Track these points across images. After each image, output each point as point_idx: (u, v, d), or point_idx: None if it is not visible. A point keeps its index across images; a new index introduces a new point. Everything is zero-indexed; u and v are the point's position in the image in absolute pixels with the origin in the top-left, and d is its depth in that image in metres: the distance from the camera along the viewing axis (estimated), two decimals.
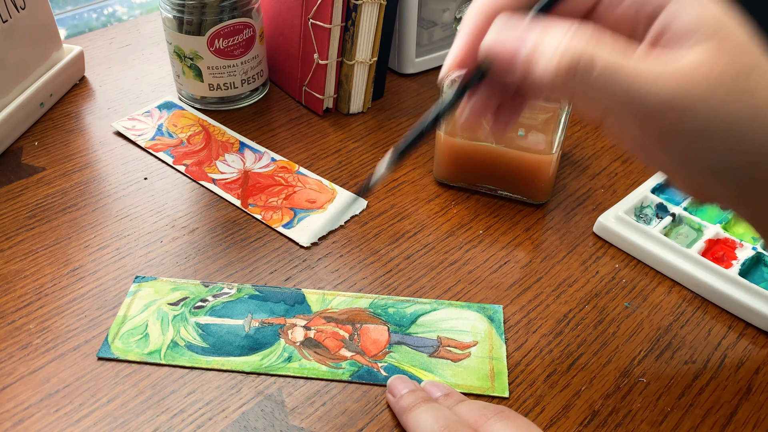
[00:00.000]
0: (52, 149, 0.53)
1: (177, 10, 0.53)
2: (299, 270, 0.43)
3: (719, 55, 0.26)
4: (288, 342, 0.38)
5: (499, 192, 0.49)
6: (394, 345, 0.38)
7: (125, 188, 0.50)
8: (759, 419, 0.35)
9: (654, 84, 0.26)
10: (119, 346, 0.38)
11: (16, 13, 0.53)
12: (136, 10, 0.83)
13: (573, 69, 0.26)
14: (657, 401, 0.36)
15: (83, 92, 0.61)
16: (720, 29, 0.27)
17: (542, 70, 0.26)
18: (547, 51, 0.26)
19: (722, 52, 0.26)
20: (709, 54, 0.26)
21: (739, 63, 0.27)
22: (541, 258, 0.45)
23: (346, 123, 0.58)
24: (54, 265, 0.43)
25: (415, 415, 0.32)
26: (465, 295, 0.42)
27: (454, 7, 0.64)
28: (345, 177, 0.51)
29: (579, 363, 0.38)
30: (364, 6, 0.52)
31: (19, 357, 0.37)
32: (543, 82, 0.26)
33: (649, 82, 0.26)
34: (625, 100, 0.26)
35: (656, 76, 0.26)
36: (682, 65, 0.26)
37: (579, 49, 0.25)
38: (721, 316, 0.41)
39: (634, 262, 0.44)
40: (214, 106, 0.59)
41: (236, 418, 0.34)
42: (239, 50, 0.55)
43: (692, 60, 0.26)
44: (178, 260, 0.44)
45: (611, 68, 0.26)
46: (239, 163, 0.52)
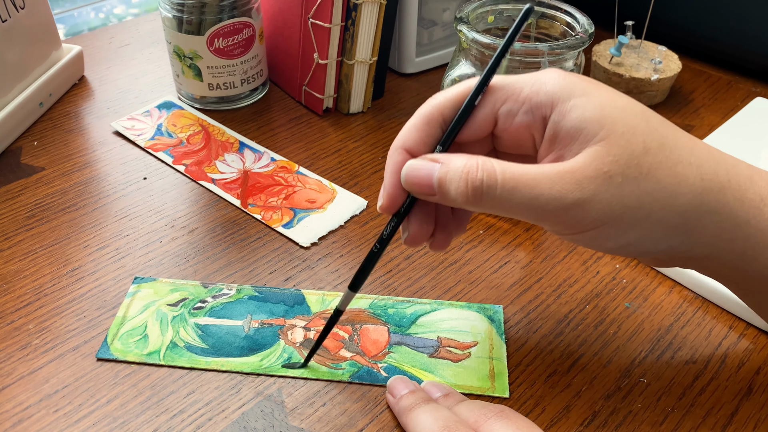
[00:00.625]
0: (52, 149, 0.53)
1: (177, 10, 0.53)
2: (299, 270, 0.43)
3: (607, 149, 0.28)
4: (287, 343, 0.38)
5: None
6: (394, 345, 0.38)
7: (124, 188, 0.50)
8: (760, 419, 0.35)
9: (552, 188, 0.28)
10: (118, 347, 0.38)
11: (15, 12, 0.53)
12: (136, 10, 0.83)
13: (479, 190, 0.29)
14: (658, 401, 0.36)
15: (82, 92, 0.61)
16: (603, 124, 0.28)
17: (454, 193, 0.30)
18: (454, 177, 0.29)
19: (609, 144, 0.28)
20: (597, 149, 0.28)
21: (629, 149, 0.28)
22: (541, 258, 0.45)
23: (346, 123, 0.57)
24: (53, 266, 0.43)
25: (415, 415, 0.32)
26: (465, 296, 0.42)
27: (455, 7, 0.64)
28: (345, 177, 0.51)
29: (579, 363, 0.38)
30: (364, 5, 0.52)
31: (18, 357, 0.37)
32: (458, 202, 0.30)
33: (547, 188, 0.28)
34: (530, 208, 0.29)
35: (552, 180, 0.28)
36: (574, 165, 0.29)
37: (481, 176, 0.29)
38: (722, 316, 0.41)
39: (634, 262, 0.44)
40: (213, 105, 0.58)
41: (236, 419, 0.34)
42: (239, 50, 0.55)
43: (583, 158, 0.29)
44: (177, 260, 0.44)
45: (511, 183, 0.29)
46: (239, 162, 0.52)
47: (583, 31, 0.44)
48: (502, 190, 0.29)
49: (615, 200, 0.28)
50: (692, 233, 0.30)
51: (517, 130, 0.31)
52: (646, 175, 0.29)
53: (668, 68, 0.59)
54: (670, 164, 0.29)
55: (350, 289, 0.35)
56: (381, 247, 0.34)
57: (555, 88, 0.30)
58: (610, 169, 0.28)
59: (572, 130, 0.29)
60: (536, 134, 0.31)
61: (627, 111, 0.29)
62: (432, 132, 0.32)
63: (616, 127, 0.29)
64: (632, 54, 0.61)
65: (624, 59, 0.60)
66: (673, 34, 0.66)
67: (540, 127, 0.31)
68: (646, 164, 0.29)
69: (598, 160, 0.28)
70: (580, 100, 0.29)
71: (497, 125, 0.32)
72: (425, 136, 0.32)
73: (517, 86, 0.31)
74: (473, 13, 0.46)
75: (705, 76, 0.65)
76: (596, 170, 0.28)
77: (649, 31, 0.62)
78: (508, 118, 0.31)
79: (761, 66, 0.63)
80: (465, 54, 0.45)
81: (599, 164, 0.28)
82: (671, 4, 0.65)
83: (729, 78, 0.64)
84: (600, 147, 0.28)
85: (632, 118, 0.29)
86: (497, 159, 0.30)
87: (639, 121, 0.29)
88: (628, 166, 0.28)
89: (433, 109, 0.32)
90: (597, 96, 0.29)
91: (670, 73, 0.59)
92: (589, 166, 0.28)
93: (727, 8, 0.62)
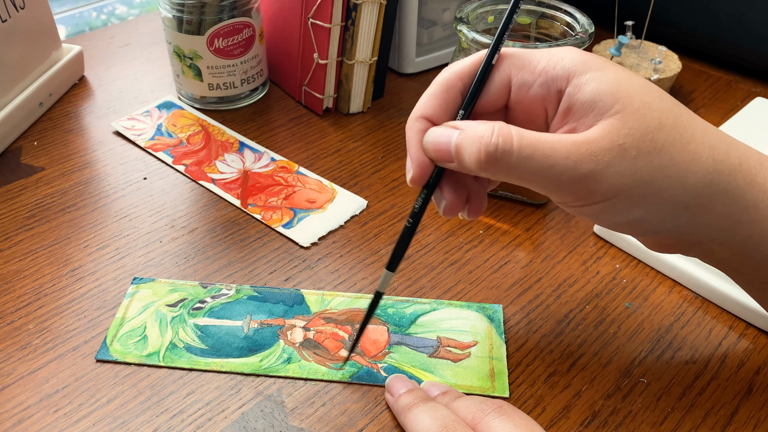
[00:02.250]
0: (52, 149, 0.53)
1: (177, 10, 0.53)
2: (299, 270, 0.43)
3: (622, 122, 0.28)
4: (287, 343, 0.38)
5: (499, 192, 0.49)
6: (394, 345, 0.38)
7: (124, 188, 0.50)
8: (760, 419, 0.35)
9: (567, 158, 0.28)
10: (118, 348, 0.38)
11: (15, 12, 0.53)
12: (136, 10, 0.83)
13: (493, 156, 0.29)
14: (658, 401, 0.36)
15: (82, 92, 0.61)
16: (618, 98, 0.29)
17: (468, 159, 0.30)
18: (470, 143, 0.29)
19: (625, 117, 0.29)
20: (613, 122, 0.29)
21: (643, 124, 0.29)
22: (541, 258, 0.45)
23: (346, 123, 0.57)
24: (53, 266, 0.43)
25: (414, 414, 0.32)
26: (465, 296, 0.42)
27: (455, 7, 0.64)
28: (345, 177, 0.51)
29: (579, 363, 0.38)
30: (364, 5, 0.52)
31: (18, 357, 0.37)
32: (472, 169, 0.30)
33: (563, 157, 0.28)
34: (544, 177, 0.29)
35: (569, 150, 0.28)
36: (590, 136, 0.29)
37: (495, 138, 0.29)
38: (722, 316, 0.41)
39: (634, 262, 0.44)
40: (213, 105, 0.58)
41: (236, 419, 0.34)
42: (239, 50, 0.55)
43: (598, 130, 0.29)
44: (177, 260, 0.43)
45: (527, 150, 0.29)
46: (239, 162, 0.52)
47: (583, 31, 0.44)
48: (518, 156, 0.29)
49: (628, 173, 0.28)
50: (700, 213, 0.30)
51: (531, 103, 0.32)
52: (659, 150, 0.29)
53: (668, 68, 0.59)
54: (683, 142, 0.29)
55: (388, 269, 0.35)
56: (414, 221, 0.34)
57: (572, 62, 0.30)
58: (625, 142, 0.28)
59: (587, 103, 0.29)
60: (549, 107, 0.31)
61: (642, 88, 0.30)
62: (451, 99, 0.32)
63: (632, 102, 0.29)
64: (632, 54, 0.61)
65: (624, 59, 0.60)
66: (673, 34, 0.66)
67: (554, 100, 0.31)
68: (660, 140, 0.29)
69: (614, 132, 0.28)
70: (596, 74, 0.30)
71: (511, 97, 0.32)
72: (444, 104, 0.32)
73: (534, 59, 0.31)
74: (473, 13, 0.46)
75: (705, 76, 0.65)
76: (611, 142, 0.28)
77: (649, 31, 0.62)
78: (523, 89, 0.32)
79: (761, 66, 0.63)
80: (465, 54, 0.45)
81: (614, 137, 0.28)
82: (671, 4, 0.65)
83: (729, 78, 0.64)
84: (615, 120, 0.29)
85: (647, 95, 0.29)
86: None
87: (654, 99, 0.29)
88: (642, 140, 0.28)
89: (452, 75, 0.32)
90: (613, 72, 0.30)
91: (670, 73, 0.59)
92: (604, 138, 0.28)
93: (727, 8, 0.62)
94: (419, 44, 0.63)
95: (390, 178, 0.51)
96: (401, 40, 0.62)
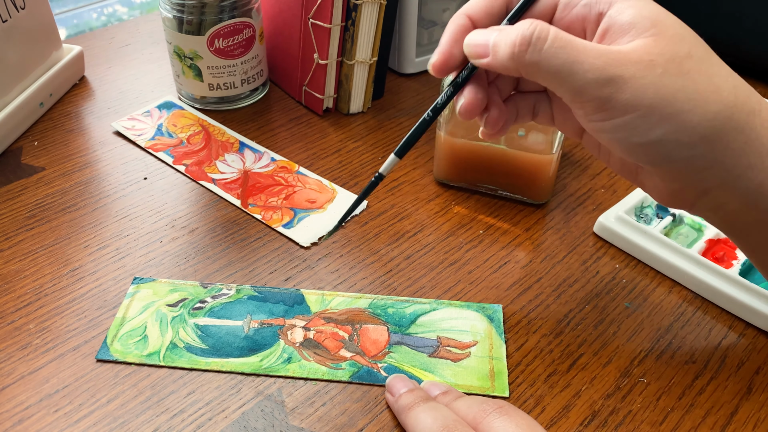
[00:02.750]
0: (52, 149, 0.53)
1: (177, 10, 0.53)
2: (299, 270, 0.43)
3: (655, 42, 0.30)
4: (287, 343, 0.38)
5: (499, 192, 0.49)
6: (394, 345, 0.38)
7: (125, 188, 0.50)
8: (759, 419, 0.35)
9: (597, 58, 0.29)
10: (118, 348, 0.38)
11: (15, 13, 0.53)
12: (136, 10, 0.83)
13: (527, 41, 0.30)
14: (657, 401, 0.36)
15: (83, 92, 0.61)
16: (656, 24, 0.30)
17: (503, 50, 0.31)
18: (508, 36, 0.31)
19: (658, 39, 0.30)
20: (646, 41, 0.30)
21: (674, 49, 0.30)
22: (541, 258, 0.45)
23: (346, 123, 0.58)
24: (54, 265, 0.43)
25: (414, 414, 0.32)
26: (465, 295, 0.42)
27: (455, 7, 0.64)
28: (345, 177, 0.51)
29: (579, 363, 0.38)
30: (364, 6, 0.52)
31: (18, 357, 0.37)
32: (506, 57, 0.31)
33: (592, 57, 0.30)
34: (570, 74, 0.30)
35: (600, 52, 0.30)
36: (622, 47, 0.30)
37: (532, 28, 0.30)
38: (722, 316, 0.41)
39: (634, 262, 0.44)
40: (213, 105, 0.59)
41: (236, 419, 0.34)
42: (239, 50, 0.55)
43: (632, 45, 0.30)
44: (177, 260, 0.44)
45: (560, 42, 0.30)
46: (239, 163, 0.52)
47: None
48: (550, 46, 0.30)
49: (651, 88, 0.29)
50: (716, 147, 0.30)
51: (573, 21, 0.33)
52: (685, 74, 0.30)
53: None
54: (709, 74, 0.30)
55: (396, 155, 0.37)
56: (433, 115, 0.35)
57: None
58: (654, 59, 0.29)
59: (626, 24, 0.31)
60: (589, 28, 0.33)
61: (680, 23, 0.31)
62: (496, 5, 0.34)
63: (668, 30, 0.30)
64: None
65: None
66: None
67: (594, 20, 0.32)
68: (687, 66, 0.30)
69: (646, 48, 0.30)
70: (638, 2, 0.31)
71: (554, 14, 0.33)
72: (489, 8, 0.34)
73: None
74: None
75: None
76: (641, 56, 0.30)
77: None
78: (567, 7, 0.33)
79: (761, 66, 0.63)
80: None
81: (645, 52, 0.30)
82: (671, 4, 0.65)
83: None
84: (650, 39, 0.30)
85: (684, 29, 0.31)
86: None
87: (688, 33, 0.31)
88: (671, 62, 0.30)
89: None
90: (653, 5, 0.31)
91: None
92: (635, 51, 0.30)
93: (727, 8, 0.62)
94: (419, 44, 0.63)
95: (390, 178, 0.51)
96: (401, 40, 0.62)
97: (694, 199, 0.33)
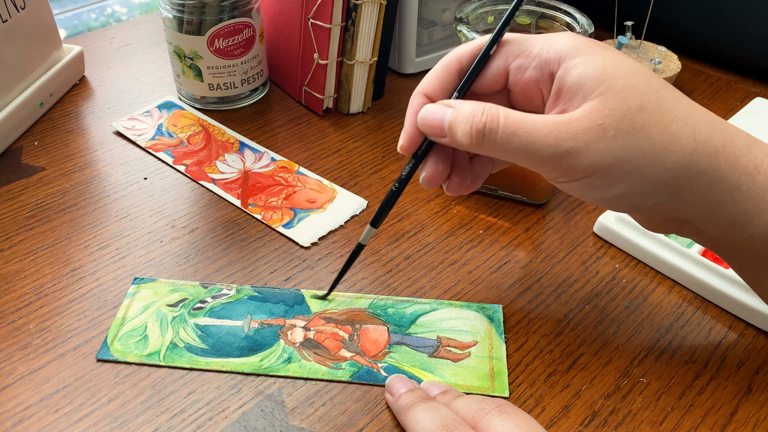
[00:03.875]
0: (52, 149, 0.53)
1: (177, 10, 0.53)
2: (299, 270, 0.43)
3: (604, 102, 0.30)
4: (287, 343, 0.38)
5: (499, 192, 0.49)
6: (394, 345, 0.38)
7: (125, 188, 0.50)
8: (759, 419, 0.35)
9: (548, 135, 0.30)
10: (118, 347, 0.38)
11: (16, 13, 0.53)
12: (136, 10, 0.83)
13: (481, 132, 0.31)
14: (657, 401, 0.36)
15: (83, 92, 0.61)
16: (603, 80, 0.30)
17: (461, 135, 0.32)
18: (461, 122, 0.32)
19: (607, 99, 0.30)
20: (594, 103, 0.30)
21: (625, 105, 0.30)
22: (541, 258, 0.45)
23: (346, 123, 0.58)
24: (54, 265, 0.43)
25: (414, 414, 0.32)
26: (465, 295, 0.42)
27: (455, 7, 0.64)
28: (345, 177, 0.51)
29: (579, 363, 0.38)
30: (364, 6, 0.52)
31: (18, 357, 0.37)
32: (464, 144, 0.32)
33: (544, 135, 0.30)
34: (527, 153, 0.31)
35: (550, 128, 0.30)
36: (572, 116, 0.30)
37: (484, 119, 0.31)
38: (722, 316, 0.41)
39: (634, 262, 0.44)
40: (214, 105, 0.59)
41: (236, 419, 0.34)
42: (239, 50, 0.55)
43: (581, 111, 0.30)
44: (178, 260, 0.44)
45: (512, 128, 0.31)
46: (239, 163, 0.52)
47: (582, 32, 0.44)
48: (502, 133, 0.31)
49: (606, 151, 0.30)
50: (679, 192, 0.31)
51: (527, 84, 0.33)
52: (638, 130, 0.30)
53: (668, 68, 0.59)
54: (664, 123, 0.30)
55: (371, 225, 0.38)
56: (400, 186, 0.37)
57: (564, 47, 0.32)
58: (605, 122, 0.30)
59: (574, 86, 0.31)
60: (544, 89, 0.33)
61: (629, 71, 0.31)
62: (450, 79, 0.35)
63: (616, 84, 0.30)
64: (632, 54, 0.61)
65: None
66: (672, 34, 0.67)
67: (548, 82, 0.33)
68: (640, 121, 0.30)
69: (595, 113, 0.30)
70: (585, 58, 0.31)
71: (509, 79, 0.34)
72: (443, 83, 0.35)
73: (531, 43, 0.33)
74: (473, 13, 0.46)
75: (705, 76, 0.65)
76: (591, 122, 0.30)
77: (648, 31, 0.62)
78: (519, 71, 0.33)
79: (761, 66, 0.63)
80: None
81: (595, 117, 0.30)
82: (671, 4, 0.65)
83: (729, 78, 0.64)
84: (597, 102, 0.30)
85: (633, 77, 0.31)
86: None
87: (639, 81, 0.31)
88: (622, 121, 0.30)
89: (451, 57, 0.35)
90: (602, 57, 0.31)
91: (670, 73, 0.59)
92: (585, 118, 0.30)
93: (727, 8, 0.62)
94: (419, 44, 0.63)
95: (390, 178, 0.51)
96: (401, 40, 0.62)
97: (676, 228, 0.34)
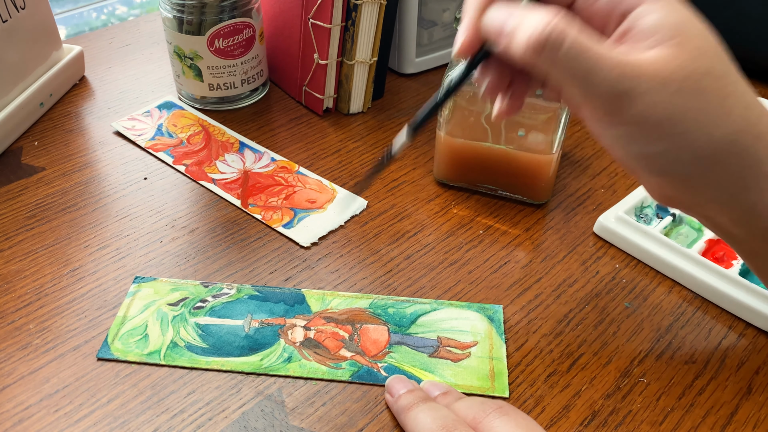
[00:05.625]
0: (52, 149, 0.53)
1: (177, 10, 0.53)
2: (299, 270, 0.43)
3: (674, 56, 0.29)
4: (288, 342, 0.38)
5: (499, 192, 0.49)
6: (394, 345, 0.38)
7: (125, 188, 0.50)
8: (759, 419, 0.35)
9: (612, 69, 0.28)
10: (119, 346, 0.38)
11: (16, 13, 0.53)
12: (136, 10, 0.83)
13: (542, 44, 0.28)
14: (657, 401, 0.36)
15: (83, 92, 0.61)
16: (679, 33, 0.29)
17: (517, 43, 0.29)
18: (525, 28, 0.29)
19: (678, 52, 0.29)
20: (666, 53, 0.29)
21: (693, 65, 0.29)
22: (541, 258, 0.45)
23: (346, 123, 0.58)
24: (54, 265, 0.43)
25: (414, 414, 0.32)
26: (465, 295, 0.42)
27: (455, 7, 0.64)
28: (345, 177, 0.51)
29: (579, 363, 0.38)
30: (364, 6, 0.52)
31: (18, 357, 0.37)
32: (518, 55, 0.29)
33: (608, 67, 0.28)
34: (583, 80, 0.29)
35: (616, 63, 0.29)
36: (640, 58, 0.29)
37: (550, 28, 0.28)
38: (722, 316, 0.41)
39: (634, 262, 0.44)
40: (214, 106, 0.59)
41: (236, 419, 0.34)
42: (239, 50, 0.55)
43: (650, 56, 0.29)
44: (178, 260, 0.44)
45: (577, 48, 0.28)
46: (239, 163, 0.52)
47: None
48: (566, 52, 0.28)
49: (662, 105, 0.29)
50: (714, 168, 0.30)
51: (594, 15, 0.32)
52: (699, 94, 0.29)
53: None
54: (723, 94, 0.29)
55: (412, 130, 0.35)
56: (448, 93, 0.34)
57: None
58: (670, 76, 0.29)
59: (649, 30, 0.30)
60: (610, 24, 0.31)
61: (703, 34, 0.30)
62: None
63: (690, 41, 0.29)
64: None
65: None
66: None
67: (617, 18, 0.31)
68: (704, 84, 0.29)
69: (664, 61, 0.29)
70: (666, 7, 0.30)
71: (576, 2, 0.32)
72: None
73: None
74: None
75: None
76: (657, 71, 0.29)
77: None
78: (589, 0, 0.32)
79: (761, 66, 0.63)
80: None
81: (662, 66, 0.29)
82: None
83: None
84: (669, 51, 0.29)
85: (706, 41, 0.30)
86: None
87: (711, 46, 0.30)
88: (687, 80, 0.29)
89: None
90: (681, 12, 0.30)
91: None
92: (652, 65, 0.29)
93: (727, 8, 0.62)
94: (419, 44, 0.63)
95: (390, 179, 0.51)
96: (401, 40, 0.62)
97: (686, 207, 0.33)
